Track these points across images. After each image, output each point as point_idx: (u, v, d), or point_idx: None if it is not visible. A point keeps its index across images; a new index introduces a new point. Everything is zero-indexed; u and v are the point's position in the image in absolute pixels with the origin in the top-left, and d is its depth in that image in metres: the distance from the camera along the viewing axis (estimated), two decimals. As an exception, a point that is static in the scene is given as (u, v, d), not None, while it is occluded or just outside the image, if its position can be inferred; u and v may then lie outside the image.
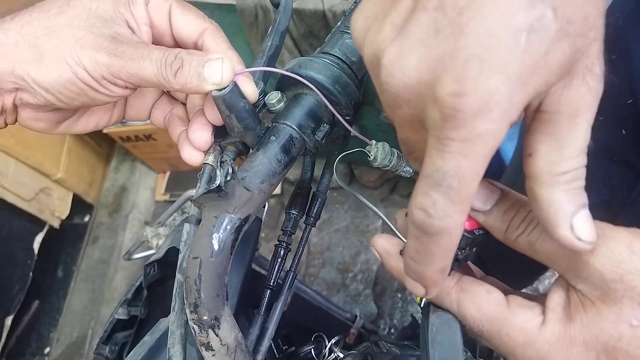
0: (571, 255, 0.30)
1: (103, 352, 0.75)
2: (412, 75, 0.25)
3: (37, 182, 2.04)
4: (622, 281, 0.29)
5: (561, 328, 0.31)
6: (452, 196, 0.26)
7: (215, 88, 0.37)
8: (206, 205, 0.38)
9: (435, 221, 0.27)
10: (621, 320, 0.29)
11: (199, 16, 0.42)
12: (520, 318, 0.32)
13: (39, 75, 0.37)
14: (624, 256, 0.29)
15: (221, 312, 0.37)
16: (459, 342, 0.34)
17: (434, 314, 0.35)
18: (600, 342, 0.29)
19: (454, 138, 0.24)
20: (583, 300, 0.31)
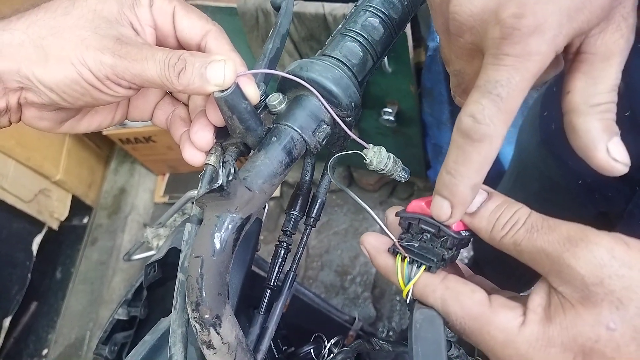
0: (554, 257, 0.31)
1: (102, 352, 0.75)
2: (478, 3, 0.31)
3: (37, 183, 2.05)
4: (602, 285, 0.30)
5: (540, 329, 0.31)
6: (499, 104, 0.30)
7: (218, 89, 0.38)
8: (208, 205, 0.38)
9: (481, 126, 0.30)
10: (599, 323, 0.30)
11: (202, 18, 0.43)
12: (501, 318, 0.33)
13: (44, 75, 0.37)
14: (605, 260, 0.30)
15: (222, 310, 0.38)
16: (441, 338, 0.34)
17: (418, 311, 0.35)
18: (578, 343, 0.30)
19: (509, 53, 0.29)
20: (563, 302, 0.31)
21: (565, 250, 0.31)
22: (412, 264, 0.37)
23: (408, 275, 0.37)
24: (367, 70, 0.46)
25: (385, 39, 0.46)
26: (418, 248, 0.37)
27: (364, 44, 0.45)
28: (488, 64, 0.30)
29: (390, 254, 0.39)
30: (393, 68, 1.31)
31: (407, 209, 0.38)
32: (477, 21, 0.31)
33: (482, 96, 0.30)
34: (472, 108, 0.31)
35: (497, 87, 0.30)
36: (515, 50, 0.29)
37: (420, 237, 0.37)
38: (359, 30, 0.45)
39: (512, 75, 0.29)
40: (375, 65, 0.46)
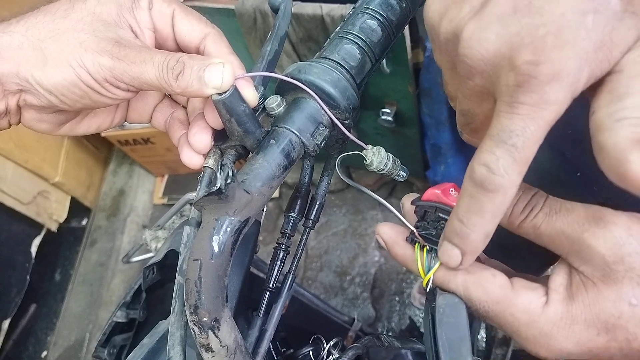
0: (574, 238, 0.32)
1: (101, 355, 0.75)
2: (490, 47, 0.29)
3: (35, 185, 2.04)
4: (622, 263, 0.31)
5: (563, 307, 0.32)
6: (514, 154, 0.29)
7: (216, 92, 0.38)
8: (206, 208, 0.38)
9: (496, 177, 0.29)
10: (621, 299, 0.31)
11: (201, 21, 0.43)
12: (524, 299, 0.34)
13: (43, 77, 0.38)
14: (624, 239, 0.31)
15: (221, 313, 0.38)
16: (465, 323, 0.35)
17: (441, 296, 0.36)
18: (601, 320, 0.31)
19: (525, 102, 0.28)
20: (584, 281, 0.32)
21: (585, 230, 0.32)
22: (431, 252, 0.37)
23: (428, 264, 0.37)
24: (366, 73, 0.46)
25: (383, 41, 0.46)
26: (435, 236, 0.37)
27: (362, 46, 0.45)
28: (502, 111, 0.29)
29: (408, 243, 0.39)
30: (391, 69, 1.31)
31: (423, 197, 0.38)
32: (489, 66, 0.29)
33: (497, 146, 0.29)
34: (485, 158, 0.29)
35: (512, 137, 0.28)
36: (532, 99, 0.28)
37: (437, 224, 0.37)
38: (357, 33, 0.45)
39: (527, 124, 0.28)
40: (373, 67, 0.47)
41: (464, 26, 0.30)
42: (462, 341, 0.35)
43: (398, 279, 1.92)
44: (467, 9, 0.30)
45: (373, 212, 2.07)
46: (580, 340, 0.32)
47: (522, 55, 0.27)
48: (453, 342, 0.35)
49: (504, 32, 0.28)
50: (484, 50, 0.29)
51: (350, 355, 0.45)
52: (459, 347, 0.34)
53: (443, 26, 0.32)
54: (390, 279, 1.93)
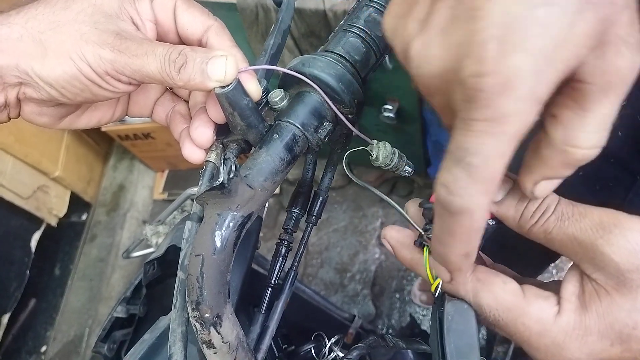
0: (587, 244, 0.31)
1: (101, 350, 0.75)
2: (437, 63, 0.26)
3: (35, 180, 2.04)
4: (637, 271, 0.29)
5: (577, 317, 0.31)
6: (472, 174, 0.26)
7: (219, 85, 0.37)
8: (208, 203, 0.38)
9: (455, 198, 0.27)
10: (636, 309, 0.30)
11: (203, 13, 0.42)
12: (536, 308, 0.32)
13: (43, 70, 0.37)
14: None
15: (223, 309, 0.37)
16: (474, 330, 0.34)
17: (449, 303, 0.35)
18: (615, 330, 0.30)
19: (477, 118, 0.24)
20: (598, 290, 0.31)
21: (599, 237, 0.30)
22: None
23: None
24: (370, 67, 0.45)
25: (388, 35, 0.45)
26: None
27: (367, 40, 0.44)
28: (457, 129, 0.26)
29: (416, 246, 0.38)
30: (394, 64, 1.31)
31: (432, 199, 0.37)
32: (442, 82, 0.26)
33: (453, 165, 0.26)
34: (444, 177, 0.27)
35: (467, 156, 0.25)
36: (484, 114, 0.24)
37: None
38: (361, 26, 0.44)
39: (484, 141, 0.25)
40: (378, 61, 0.46)
41: (411, 43, 0.27)
42: (471, 349, 0.34)
43: (398, 276, 1.92)
44: (413, 24, 0.27)
45: (374, 209, 2.07)
46: (593, 351, 0.31)
47: (466, 68, 0.24)
48: (461, 350, 0.34)
49: (446, 45, 0.25)
50: (432, 67, 0.26)
51: (355, 356, 0.45)
52: (467, 356, 0.33)
53: (396, 45, 0.29)
54: (390, 276, 1.93)
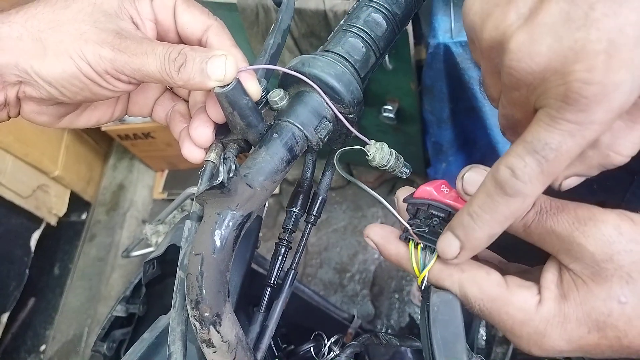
0: (564, 236, 0.32)
1: (101, 349, 0.75)
2: (541, 61, 0.27)
3: (35, 179, 2.04)
4: (611, 261, 0.31)
5: (556, 306, 0.33)
6: (543, 166, 0.28)
7: (218, 85, 0.37)
8: (208, 202, 0.38)
9: (518, 182, 0.29)
10: (611, 298, 0.31)
11: (203, 13, 0.42)
12: (519, 298, 0.34)
13: (43, 69, 0.37)
14: (613, 237, 0.31)
15: (222, 308, 0.37)
16: (460, 320, 0.35)
17: (435, 294, 0.36)
18: (592, 318, 0.31)
19: (570, 119, 0.27)
20: (575, 279, 0.33)
21: (575, 229, 0.32)
22: (425, 249, 0.37)
23: (423, 261, 0.37)
24: (370, 67, 0.45)
25: (388, 35, 0.46)
26: (429, 233, 0.37)
27: (367, 39, 0.44)
28: (541, 122, 0.28)
29: (401, 241, 0.39)
30: (394, 65, 1.31)
31: (415, 194, 0.38)
32: (537, 79, 0.28)
33: (527, 153, 0.28)
34: (513, 161, 0.29)
35: (545, 149, 0.28)
36: (578, 117, 0.26)
37: (430, 221, 0.37)
38: (361, 26, 0.44)
39: (565, 140, 0.27)
40: (378, 61, 0.46)
41: (512, 36, 0.28)
42: (457, 338, 0.34)
43: (398, 276, 1.92)
44: (514, 15, 0.28)
45: (374, 209, 2.07)
46: (572, 338, 0.32)
47: (575, 73, 0.26)
48: (447, 339, 0.34)
49: (556, 46, 0.26)
50: (534, 64, 0.27)
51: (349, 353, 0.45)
52: (453, 345, 0.34)
53: (487, 32, 0.30)
54: (389, 277, 1.93)
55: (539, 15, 0.27)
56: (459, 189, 0.36)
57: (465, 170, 0.36)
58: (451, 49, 1.21)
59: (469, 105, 1.38)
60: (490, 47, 0.30)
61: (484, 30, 0.30)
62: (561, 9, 0.26)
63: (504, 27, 0.28)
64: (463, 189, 0.36)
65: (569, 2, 0.26)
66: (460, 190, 0.36)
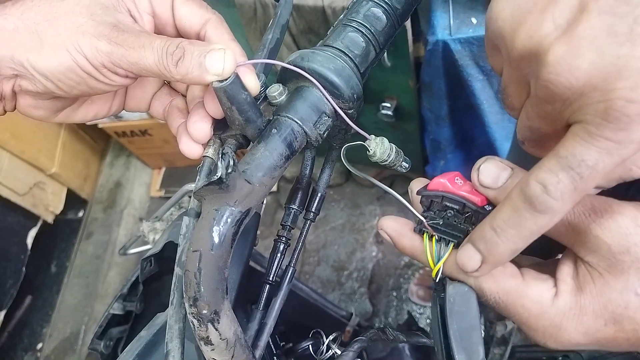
0: (580, 228, 0.32)
1: (97, 347, 0.74)
2: (581, 76, 0.26)
3: (32, 176, 2.03)
4: (628, 253, 0.31)
5: (572, 298, 0.32)
6: (577, 183, 0.27)
7: (217, 79, 0.37)
8: (206, 198, 0.37)
9: (549, 199, 0.28)
10: (628, 290, 0.31)
11: (202, 6, 0.42)
12: (534, 290, 0.34)
13: (39, 62, 0.36)
14: (630, 229, 0.31)
15: (221, 306, 0.37)
16: (476, 312, 0.35)
17: (451, 286, 0.36)
18: (608, 310, 0.31)
19: (609, 137, 0.26)
20: (591, 272, 0.32)
21: (591, 221, 0.32)
22: (440, 241, 0.37)
23: (437, 253, 0.37)
24: (370, 62, 0.45)
25: (388, 30, 0.45)
26: (443, 225, 0.37)
27: (367, 34, 0.44)
28: (578, 138, 0.27)
29: (415, 233, 0.38)
30: (392, 62, 1.30)
31: (429, 186, 0.38)
32: (576, 94, 0.26)
33: (561, 169, 0.27)
34: (545, 177, 0.28)
35: (580, 166, 0.27)
36: (617, 136, 0.26)
37: (444, 214, 0.37)
38: (361, 20, 0.44)
39: (602, 158, 0.26)
40: (377, 56, 0.46)
41: (550, 48, 0.26)
42: (474, 330, 0.35)
43: (396, 274, 1.92)
44: (551, 25, 0.27)
45: (371, 206, 2.07)
46: (588, 330, 0.32)
47: (618, 90, 0.25)
48: (464, 331, 0.35)
49: (598, 61, 0.25)
50: (573, 78, 0.26)
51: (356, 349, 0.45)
52: (470, 336, 0.35)
53: (519, 41, 0.28)
54: (387, 274, 1.93)
55: (579, 27, 0.26)
56: (474, 180, 0.35)
57: (480, 162, 0.35)
58: (450, 46, 1.20)
59: (468, 103, 1.38)
60: (521, 57, 0.29)
61: (516, 39, 0.28)
62: (604, 22, 0.25)
63: (540, 38, 0.27)
64: (479, 181, 0.35)
65: (613, 15, 0.25)
66: (476, 181, 0.35)
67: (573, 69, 0.26)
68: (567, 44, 0.26)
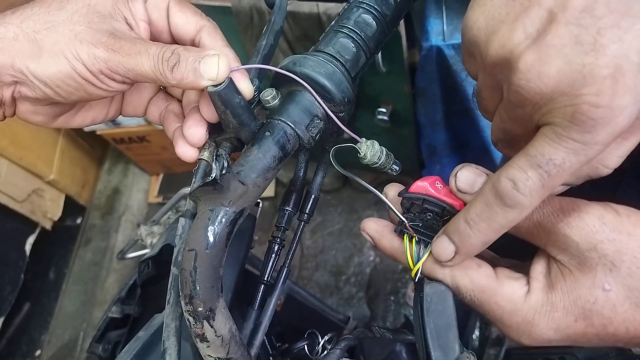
0: (550, 228, 0.34)
1: (96, 350, 0.75)
2: (550, 82, 0.28)
3: (30, 183, 2.04)
4: (595, 250, 0.32)
5: (544, 295, 0.34)
6: (545, 180, 0.29)
7: (211, 84, 0.38)
8: (201, 199, 0.38)
9: (518, 195, 0.30)
10: (596, 286, 0.32)
11: (196, 14, 0.43)
12: (508, 289, 0.35)
13: (38, 69, 0.38)
14: (597, 227, 0.32)
15: (216, 303, 0.38)
16: (452, 310, 0.36)
17: (428, 285, 0.37)
18: (578, 306, 0.33)
19: (576, 139, 0.28)
20: (562, 269, 0.34)
21: (560, 220, 0.33)
22: (419, 242, 0.39)
23: (417, 254, 0.38)
24: (360, 66, 0.46)
25: (378, 36, 0.46)
26: (422, 227, 0.38)
27: (357, 40, 0.45)
28: (547, 138, 0.29)
29: (396, 234, 0.40)
30: (387, 68, 1.32)
31: (411, 189, 0.39)
32: (544, 99, 0.28)
33: (530, 167, 0.29)
34: (515, 174, 0.30)
35: (548, 164, 0.29)
36: (583, 138, 0.27)
37: (424, 216, 0.38)
38: (351, 27, 0.45)
39: (569, 158, 0.28)
40: (368, 61, 0.47)
41: (521, 55, 0.28)
42: (449, 328, 0.36)
43: (393, 278, 1.92)
44: (522, 34, 0.28)
45: (369, 211, 2.07)
46: (559, 326, 0.33)
47: (584, 96, 0.27)
48: (440, 328, 0.36)
49: (566, 68, 0.27)
50: (542, 84, 0.28)
51: (343, 346, 0.46)
52: (446, 334, 0.36)
53: (493, 48, 0.30)
54: (385, 279, 1.93)
55: (548, 37, 0.27)
56: (452, 186, 0.37)
57: (458, 169, 0.37)
58: (444, 51, 1.22)
59: (462, 108, 1.39)
60: (494, 64, 0.30)
61: (490, 46, 0.30)
62: (570, 32, 0.27)
63: (512, 46, 0.29)
64: (456, 187, 0.37)
65: (578, 26, 0.27)
66: (454, 187, 0.37)
67: (542, 76, 0.28)
68: (536, 52, 0.28)
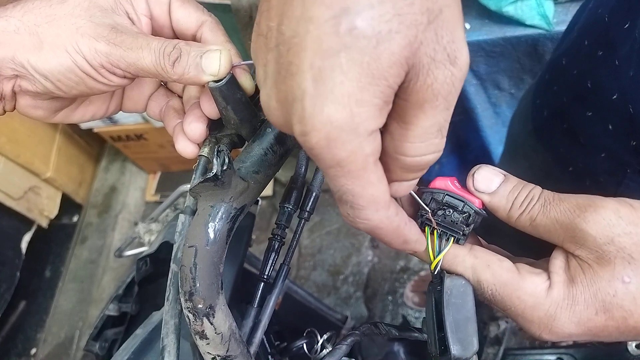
0: (567, 224, 0.34)
1: (93, 348, 0.75)
2: (276, 118, 0.28)
3: (26, 180, 2.03)
4: (613, 243, 0.33)
5: (565, 289, 0.34)
6: (355, 206, 0.28)
7: (213, 79, 0.38)
8: (202, 195, 0.38)
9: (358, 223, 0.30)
10: (615, 278, 0.33)
11: (198, 9, 0.43)
12: (529, 283, 0.35)
13: (39, 62, 0.37)
14: (613, 221, 0.33)
15: (216, 300, 0.37)
16: (471, 304, 0.37)
17: (449, 279, 0.37)
18: (598, 299, 0.33)
19: (324, 167, 0.27)
20: (581, 264, 0.34)
21: (576, 216, 0.34)
22: (441, 236, 0.39)
23: (438, 247, 0.39)
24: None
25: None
26: (444, 221, 0.39)
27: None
28: None
29: None
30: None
31: (432, 185, 0.40)
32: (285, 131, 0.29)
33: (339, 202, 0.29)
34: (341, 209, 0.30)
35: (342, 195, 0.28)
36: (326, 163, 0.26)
37: (443, 212, 0.39)
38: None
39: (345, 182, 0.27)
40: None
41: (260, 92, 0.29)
42: (469, 321, 0.36)
43: (391, 278, 1.92)
44: (261, 70, 0.29)
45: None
46: (580, 320, 0.34)
47: (294, 127, 0.26)
48: (460, 322, 0.36)
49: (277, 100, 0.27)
50: (275, 120, 0.28)
51: (349, 342, 0.45)
52: (465, 328, 0.36)
53: None
54: (383, 279, 1.93)
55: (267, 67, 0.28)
56: (469, 185, 0.38)
57: (475, 169, 0.38)
58: (443, 51, 1.21)
59: (461, 107, 1.39)
60: None
61: None
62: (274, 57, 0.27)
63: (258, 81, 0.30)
64: (474, 186, 0.38)
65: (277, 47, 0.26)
66: (471, 187, 0.38)
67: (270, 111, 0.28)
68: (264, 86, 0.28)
